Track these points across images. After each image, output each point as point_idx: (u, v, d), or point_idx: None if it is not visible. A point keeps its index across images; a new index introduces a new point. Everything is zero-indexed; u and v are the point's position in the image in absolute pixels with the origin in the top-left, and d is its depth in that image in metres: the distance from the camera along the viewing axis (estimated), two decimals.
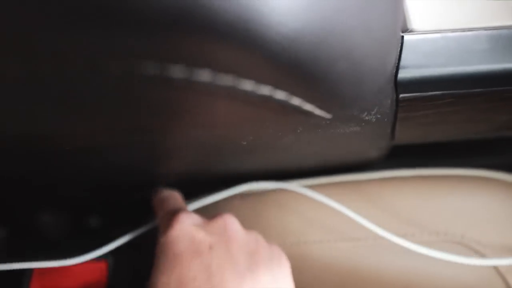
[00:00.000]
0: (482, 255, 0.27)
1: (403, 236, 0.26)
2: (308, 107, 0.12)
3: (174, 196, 0.23)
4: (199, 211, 0.24)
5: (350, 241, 0.28)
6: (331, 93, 0.13)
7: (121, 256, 0.39)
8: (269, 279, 0.18)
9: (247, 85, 0.10)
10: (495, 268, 0.27)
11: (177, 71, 0.09)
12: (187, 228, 0.18)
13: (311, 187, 0.29)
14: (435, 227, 0.28)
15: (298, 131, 0.17)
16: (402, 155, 0.31)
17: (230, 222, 0.20)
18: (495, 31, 0.19)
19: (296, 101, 0.11)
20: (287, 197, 0.29)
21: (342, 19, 0.10)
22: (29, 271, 0.31)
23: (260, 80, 0.10)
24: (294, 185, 0.28)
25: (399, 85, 0.19)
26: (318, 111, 0.13)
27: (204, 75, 0.10)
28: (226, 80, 0.10)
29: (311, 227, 0.28)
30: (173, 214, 0.20)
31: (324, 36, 0.10)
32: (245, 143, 0.20)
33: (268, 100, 0.11)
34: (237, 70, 0.10)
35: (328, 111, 0.13)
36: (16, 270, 0.32)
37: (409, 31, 0.19)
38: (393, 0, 0.14)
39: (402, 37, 0.18)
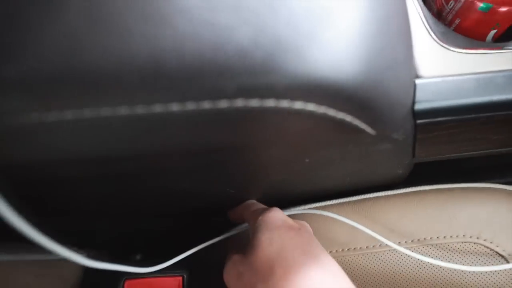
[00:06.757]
0: (496, 253, 0.33)
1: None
2: (363, 126, 0.20)
3: (257, 203, 0.30)
4: None
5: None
6: (378, 117, 0.20)
7: (195, 272, 0.44)
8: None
9: (322, 109, 0.18)
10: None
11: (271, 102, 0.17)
12: (280, 213, 0.25)
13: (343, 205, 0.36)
14: (453, 231, 0.34)
15: (349, 147, 0.25)
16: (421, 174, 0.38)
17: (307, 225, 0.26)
18: (480, 75, 0.27)
19: (357, 122, 0.19)
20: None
21: (384, 75, 0.18)
22: (121, 282, 0.37)
23: (336, 107, 0.18)
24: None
25: (416, 114, 0.27)
26: (369, 129, 0.21)
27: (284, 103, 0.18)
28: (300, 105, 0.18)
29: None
30: (263, 209, 0.26)
31: (374, 85, 0.18)
32: (307, 160, 0.28)
33: (336, 122, 0.19)
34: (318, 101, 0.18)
35: (374, 129, 0.21)
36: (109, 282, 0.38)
37: (420, 77, 0.28)
38: (408, 61, 0.22)
39: (415, 81, 0.27)
